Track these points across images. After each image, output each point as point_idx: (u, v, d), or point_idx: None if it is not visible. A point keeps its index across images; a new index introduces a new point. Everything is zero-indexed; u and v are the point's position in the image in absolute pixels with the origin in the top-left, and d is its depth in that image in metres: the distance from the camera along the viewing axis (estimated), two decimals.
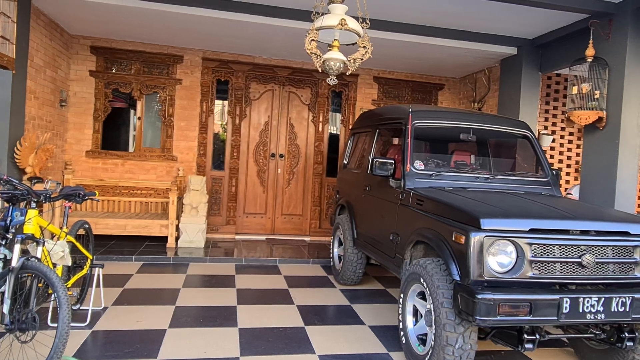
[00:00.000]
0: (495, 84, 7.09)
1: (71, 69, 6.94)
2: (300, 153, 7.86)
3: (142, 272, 5.32)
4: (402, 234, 3.66)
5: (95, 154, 7.10)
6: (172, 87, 7.28)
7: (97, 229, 6.20)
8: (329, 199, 7.95)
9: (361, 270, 5.02)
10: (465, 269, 2.66)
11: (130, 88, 7.15)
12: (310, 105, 7.85)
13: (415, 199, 3.52)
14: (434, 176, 3.77)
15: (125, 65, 7.17)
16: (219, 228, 7.51)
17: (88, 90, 7.04)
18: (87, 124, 7.07)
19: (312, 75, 7.73)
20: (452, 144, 4.77)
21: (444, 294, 2.77)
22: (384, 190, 4.15)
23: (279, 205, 7.80)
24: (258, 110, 7.70)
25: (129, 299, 4.32)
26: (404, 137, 3.94)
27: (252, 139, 7.69)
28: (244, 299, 4.55)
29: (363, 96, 8.00)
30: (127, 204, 7.13)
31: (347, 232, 5.04)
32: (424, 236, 3.20)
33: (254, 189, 7.72)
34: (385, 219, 4.06)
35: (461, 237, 2.70)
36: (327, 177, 7.96)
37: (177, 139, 7.36)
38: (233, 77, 7.49)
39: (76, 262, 3.68)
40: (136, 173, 7.25)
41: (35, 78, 5.69)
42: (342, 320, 4.12)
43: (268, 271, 5.73)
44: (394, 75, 8.10)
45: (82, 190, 3.30)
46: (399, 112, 4.29)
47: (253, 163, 7.70)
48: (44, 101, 6.02)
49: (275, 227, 7.79)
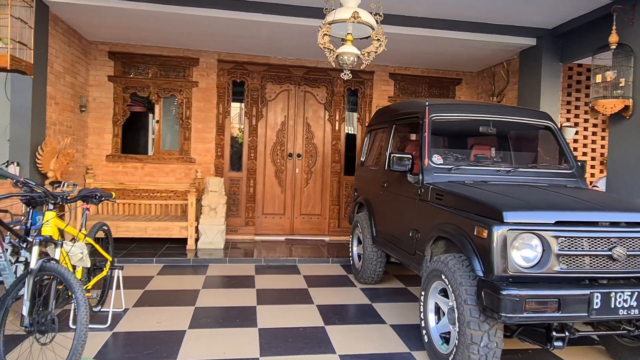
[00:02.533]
0: (514, 76, 6.93)
1: (90, 74, 7.04)
2: (318, 152, 7.82)
3: (162, 273, 5.35)
4: (422, 230, 3.57)
5: (115, 158, 7.19)
6: (188, 89, 7.32)
7: (118, 231, 6.27)
8: (347, 198, 7.89)
9: (381, 268, 4.94)
10: (488, 265, 2.56)
11: (148, 92, 7.21)
12: (326, 104, 7.80)
13: (435, 193, 3.43)
14: (453, 170, 3.68)
15: (142, 69, 7.24)
16: (238, 229, 7.51)
17: (107, 95, 7.12)
18: (106, 128, 7.16)
19: (327, 73, 7.68)
20: (470, 138, 4.66)
21: (467, 291, 2.68)
22: (402, 186, 4.07)
23: (297, 205, 7.77)
24: (274, 111, 7.69)
25: (149, 301, 4.33)
26: (421, 132, 3.86)
27: (269, 139, 7.68)
28: (263, 299, 4.52)
29: (379, 93, 7.92)
30: (148, 207, 7.19)
31: (365, 230, 4.97)
32: (444, 231, 3.11)
33: (272, 190, 7.71)
34: (404, 215, 3.98)
35: (483, 232, 2.61)
36: (345, 175, 7.90)
37: (195, 141, 7.40)
38: (249, 78, 7.49)
39: (96, 264, 3.70)
40: (155, 176, 7.31)
41: (55, 84, 5.78)
42: (362, 319, 4.05)
43: (287, 271, 5.70)
44: (410, 71, 7.99)
45: (100, 192, 3.31)
46: (415, 107, 4.21)
47: (270, 163, 7.69)
48: (64, 107, 6.11)
49: (294, 228, 7.76)
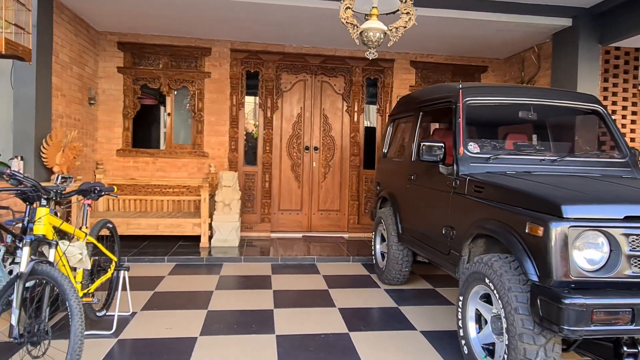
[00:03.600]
0: (546, 61, 6.46)
1: (99, 66, 6.78)
2: (336, 145, 7.46)
3: (174, 273, 5.06)
4: (458, 226, 3.20)
5: (126, 153, 6.93)
6: (200, 80, 7.02)
7: (129, 229, 6.01)
8: (367, 193, 7.52)
9: (407, 269, 4.57)
10: (545, 268, 2.19)
11: (158, 83, 6.93)
12: (344, 95, 7.43)
13: (473, 185, 3.05)
14: (491, 160, 3.29)
15: (153, 60, 6.96)
16: (253, 226, 7.21)
17: (116, 87, 6.86)
18: (116, 122, 6.90)
19: (345, 62, 7.31)
20: (502, 126, 4.25)
21: (518, 298, 2.31)
22: (432, 178, 3.70)
23: (315, 201, 7.43)
24: (290, 102, 7.35)
25: (159, 303, 4.04)
26: (455, 118, 3.48)
27: (284, 131, 7.35)
28: (281, 301, 4.19)
29: (400, 82, 7.51)
30: (160, 203, 6.93)
31: (390, 227, 4.60)
32: (486, 229, 2.73)
33: (288, 184, 7.38)
34: (436, 210, 3.60)
35: (538, 229, 2.23)
36: (365, 169, 7.53)
37: (208, 134, 7.10)
38: (263, 68, 7.16)
39: (100, 264, 3.42)
40: (167, 171, 7.04)
41: (61, 75, 5.52)
42: (390, 325, 3.69)
43: (306, 270, 5.36)
44: (432, 58, 7.57)
45: (101, 186, 3.01)
46: (446, 91, 3.82)
47: (287, 157, 7.36)
48: (72, 99, 5.85)
49: (311, 224, 7.42)
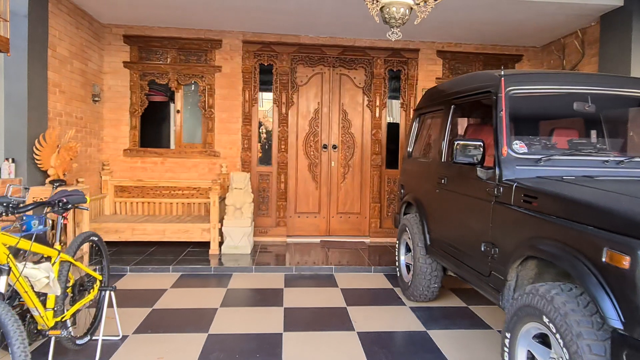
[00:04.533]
0: (591, 48, 5.78)
1: (104, 60, 6.40)
2: (356, 143, 6.92)
3: (178, 285, 4.63)
4: (502, 244, 2.64)
5: (134, 152, 6.55)
6: (211, 75, 6.57)
7: (134, 235, 5.63)
8: (390, 195, 6.96)
9: (436, 284, 4.01)
10: (635, 312, 1.63)
11: (167, 78, 6.51)
12: (364, 88, 6.88)
13: (521, 194, 2.49)
14: (542, 162, 2.72)
15: (160, 54, 6.55)
16: (268, 230, 6.74)
17: (123, 84, 6.48)
18: (123, 120, 6.52)
19: (366, 53, 6.75)
20: (553, 120, 3.64)
21: (592, 348, 1.75)
22: (468, 183, 3.14)
23: (333, 203, 6.91)
24: (306, 97, 6.84)
25: (155, 324, 3.59)
26: (495, 111, 2.91)
27: (301, 129, 6.85)
28: (292, 322, 3.70)
29: (425, 74, 6.92)
30: (169, 206, 6.53)
31: (416, 236, 4.05)
32: (542, 251, 2.17)
33: (305, 186, 6.88)
34: (473, 222, 3.05)
35: (622, 258, 1.67)
36: (387, 169, 6.97)
37: (219, 132, 6.66)
38: (277, 60, 6.67)
39: (82, 284, 2.98)
40: (177, 172, 6.63)
41: (60, 70, 5.14)
42: (417, 355, 3.15)
43: (322, 282, 4.86)
44: (461, 47, 6.94)
45: (72, 197, 2.54)
46: (484, 80, 3.25)
47: (303, 156, 6.86)
48: (73, 96, 5.48)
49: (330, 228, 6.91)
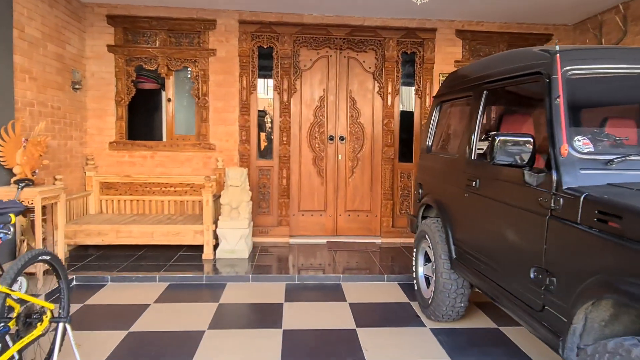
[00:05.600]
0: (636, 24, 5.07)
1: (86, 44, 5.78)
2: (365, 134, 6.27)
3: (163, 299, 4.05)
4: (562, 274, 2.01)
5: (120, 146, 5.95)
6: (204, 59, 5.93)
7: (119, 238, 5.05)
8: (403, 191, 6.32)
9: (462, 303, 3.40)
10: None
11: (156, 64, 5.88)
12: (375, 73, 6.21)
13: (594, 210, 1.85)
14: (615, 163, 2.08)
15: (148, 36, 5.91)
16: (269, 230, 6.14)
17: (107, 70, 5.86)
18: (108, 110, 5.91)
19: (377, 33, 6.06)
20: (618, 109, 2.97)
21: None
22: (511, 189, 2.50)
23: (341, 200, 6.29)
24: (310, 83, 6.18)
25: (126, 355, 3.02)
26: (549, 98, 2.25)
27: (304, 118, 6.20)
28: (291, 350, 3.11)
29: (443, 57, 6.22)
30: (160, 204, 5.94)
31: (438, 246, 3.43)
32: (627, 294, 1.54)
33: (310, 181, 6.26)
34: (517, 239, 2.41)
35: None
36: (401, 162, 6.32)
37: (214, 123, 6.03)
38: (278, 42, 6.00)
39: (29, 315, 2.41)
40: (168, 166, 6.03)
41: (30, 54, 4.53)
42: None
43: (328, 295, 4.26)
44: (483, 26, 6.23)
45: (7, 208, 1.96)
46: (531, 58, 2.58)
47: (307, 148, 6.23)
48: (47, 83, 4.87)
49: (337, 228, 6.30)
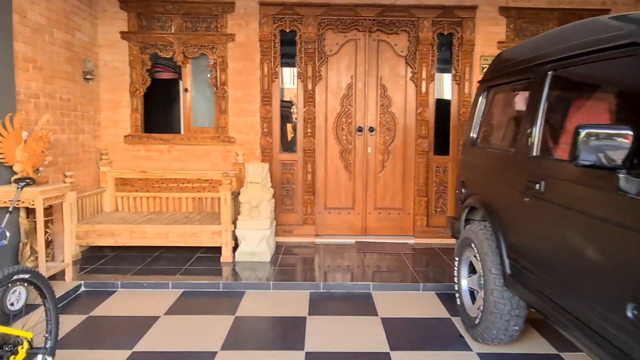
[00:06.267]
0: None
1: (98, 31, 5.43)
2: (397, 124, 5.73)
3: (174, 310, 3.67)
4: None
5: (136, 139, 5.61)
6: (222, 45, 5.50)
7: (132, 239, 4.72)
8: (439, 186, 5.77)
9: (517, 326, 2.87)
10: None
11: (171, 51, 5.48)
12: (408, 57, 5.64)
13: None
14: None
15: (163, 21, 5.51)
16: (293, 229, 5.71)
17: (121, 58, 5.50)
18: (122, 101, 5.57)
19: (410, 13, 5.49)
20: None
21: None
22: (596, 196, 1.96)
23: (370, 197, 5.79)
24: (337, 69, 5.68)
25: None
26: None
27: (331, 108, 5.71)
28: None
29: (484, 38, 5.59)
30: (177, 201, 5.59)
31: (488, 258, 2.90)
32: None
33: (336, 176, 5.79)
34: (608, 264, 1.88)
35: None
36: (436, 155, 5.77)
37: (234, 114, 5.61)
38: (301, 25, 5.51)
39: (2, 347, 2.04)
40: (186, 161, 5.66)
41: (34, 41, 4.19)
42: None
43: (357, 307, 3.80)
44: (530, 2, 5.56)
45: None
46: (617, 27, 2.02)
47: (334, 141, 5.74)
48: (54, 73, 4.54)
49: (366, 227, 5.81)
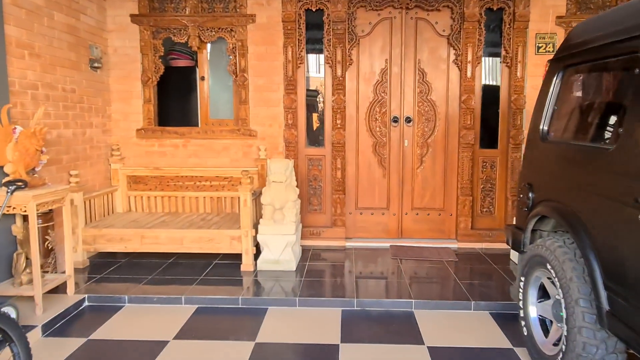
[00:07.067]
0: None
1: (107, 14, 4.95)
2: (438, 114, 5.07)
3: (186, 333, 3.16)
4: None
5: (149, 133, 5.14)
6: (242, 27, 4.94)
7: (143, 244, 4.25)
8: (486, 184, 5.10)
9: None
10: None
11: (186, 35, 4.96)
12: (450, 37, 4.96)
13: None
14: None
15: (177, 2, 4.98)
16: (321, 231, 5.15)
17: (132, 44, 5.01)
18: (134, 91, 5.09)
19: None
20: None
21: None
22: None
23: (407, 195, 5.17)
24: (369, 53, 5.05)
25: None
26: None
27: (362, 96, 5.10)
28: None
29: (541, 12, 4.86)
30: (194, 201, 5.10)
31: (573, 285, 2.27)
32: None
33: (369, 173, 5.18)
34: None
35: None
36: (482, 148, 5.09)
37: (255, 104, 5.06)
38: (329, 3, 4.89)
39: None
40: (203, 157, 5.16)
41: (30, 25, 3.72)
42: None
43: (398, 332, 3.21)
44: None
45: None
46: None
47: (366, 133, 5.13)
48: (55, 60, 4.07)
49: (402, 229, 5.20)
